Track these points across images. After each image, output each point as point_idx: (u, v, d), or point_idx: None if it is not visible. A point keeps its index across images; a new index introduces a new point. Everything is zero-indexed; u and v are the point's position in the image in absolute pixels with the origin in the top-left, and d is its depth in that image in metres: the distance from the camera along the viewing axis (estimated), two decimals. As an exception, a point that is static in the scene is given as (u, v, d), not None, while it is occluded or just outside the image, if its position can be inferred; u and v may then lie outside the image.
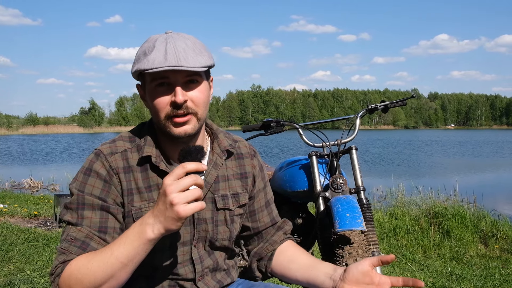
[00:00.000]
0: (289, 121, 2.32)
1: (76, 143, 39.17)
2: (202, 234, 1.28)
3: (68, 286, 1.09)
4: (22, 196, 8.86)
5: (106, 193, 1.19)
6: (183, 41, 1.17)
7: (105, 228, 1.17)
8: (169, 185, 1.01)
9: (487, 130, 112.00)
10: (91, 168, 1.20)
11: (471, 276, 3.83)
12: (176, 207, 1.00)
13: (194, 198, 1.02)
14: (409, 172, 14.62)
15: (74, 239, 1.14)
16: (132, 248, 1.06)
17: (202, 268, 1.29)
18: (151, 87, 1.18)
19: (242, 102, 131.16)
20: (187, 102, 1.17)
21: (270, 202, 1.46)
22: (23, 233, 5.04)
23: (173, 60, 1.12)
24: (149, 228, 1.05)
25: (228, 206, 1.32)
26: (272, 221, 1.44)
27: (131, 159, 1.23)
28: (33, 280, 3.38)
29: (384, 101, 2.37)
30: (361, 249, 1.61)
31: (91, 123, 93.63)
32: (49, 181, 12.09)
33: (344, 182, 1.99)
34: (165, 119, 1.17)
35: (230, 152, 1.36)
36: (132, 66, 1.21)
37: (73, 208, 1.17)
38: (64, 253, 1.13)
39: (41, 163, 20.01)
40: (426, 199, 6.86)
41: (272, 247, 1.40)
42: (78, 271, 1.08)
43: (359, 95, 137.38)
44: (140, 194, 1.21)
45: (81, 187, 1.18)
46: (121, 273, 1.08)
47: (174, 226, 1.04)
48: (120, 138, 1.28)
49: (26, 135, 67.80)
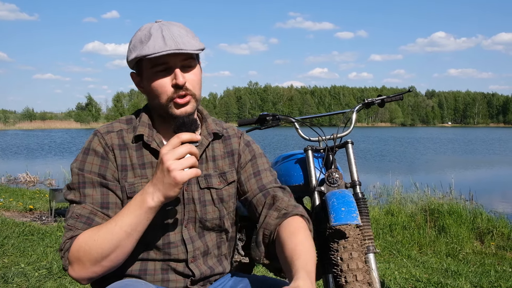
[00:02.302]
0: (285, 115, 2.30)
1: (72, 138, 39.07)
2: (192, 215, 1.31)
3: (77, 258, 1.15)
4: (18, 191, 8.85)
5: (104, 168, 1.25)
6: (176, 28, 1.25)
7: (107, 203, 1.23)
8: (165, 154, 1.10)
9: (484, 128, 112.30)
10: (89, 147, 1.27)
11: (467, 272, 3.83)
12: (173, 173, 1.08)
13: (189, 165, 1.11)
14: (405, 169, 14.67)
15: (79, 216, 1.20)
16: (134, 217, 1.13)
17: (194, 249, 1.30)
18: (151, 72, 1.24)
19: (239, 98, 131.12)
20: (185, 83, 1.24)
21: (260, 172, 1.39)
22: (18, 226, 5.04)
23: (172, 45, 1.19)
24: (149, 196, 1.12)
25: (212, 185, 1.34)
26: (260, 187, 1.36)
27: (126, 138, 1.30)
28: (27, 273, 3.37)
29: (381, 96, 2.35)
30: (356, 243, 1.60)
31: (88, 119, 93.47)
32: (45, 176, 12.09)
33: (339, 176, 1.97)
34: (168, 101, 1.24)
35: (218, 135, 1.40)
36: (128, 54, 1.27)
37: (75, 188, 1.24)
38: (71, 229, 1.19)
39: (37, 157, 19.96)
40: (423, 196, 6.87)
41: (268, 230, 1.28)
42: (85, 244, 1.15)
43: (356, 92, 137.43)
44: (134, 170, 1.27)
45: (81, 166, 1.25)
46: (126, 242, 1.15)
47: (173, 192, 1.11)
48: (118, 120, 1.36)
49: (23, 130, 67.70)
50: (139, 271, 1.28)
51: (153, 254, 1.28)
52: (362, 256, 1.59)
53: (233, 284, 1.35)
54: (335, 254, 1.61)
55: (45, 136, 44.51)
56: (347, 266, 1.56)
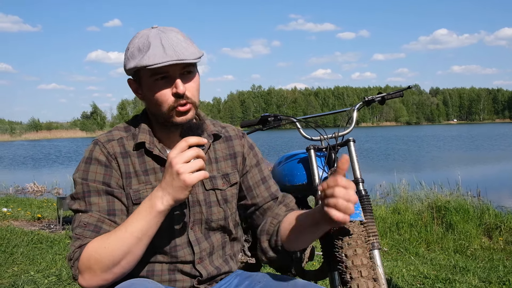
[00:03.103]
0: (286, 116, 2.32)
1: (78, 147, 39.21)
2: (197, 217, 1.32)
3: (88, 267, 1.14)
4: (25, 200, 8.89)
5: (108, 177, 1.25)
6: (174, 35, 1.24)
7: (114, 211, 1.23)
8: (174, 157, 1.11)
9: (489, 124, 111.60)
10: (91, 156, 1.26)
11: (475, 268, 3.82)
12: (182, 175, 1.09)
13: (198, 167, 1.11)
14: (411, 168, 14.61)
15: (87, 224, 1.19)
16: (145, 222, 1.13)
17: (200, 250, 1.32)
18: (150, 81, 1.24)
19: (243, 102, 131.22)
20: (185, 92, 1.24)
21: (267, 179, 1.45)
22: (26, 235, 5.07)
23: (173, 55, 1.18)
24: (159, 200, 1.13)
25: (217, 186, 1.36)
26: (272, 196, 1.43)
27: (127, 145, 1.30)
28: (37, 280, 3.40)
29: (381, 93, 2.37)
30: (360, 240, 1.61)
31: (93, 127, 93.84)
32: (52, 185, 12.13)
33: (342, 174, 1.98)
34: (169, 110, 1.24)
35: (218, 136, 1.41)
36: (126, 62, 1.26)
37: (80, 197, 1.23)
38: (79, 238, 1.18)
39: (44, 167, 20.06)
40: (429, 194, 6.84)
41: (277, 220, 1.35)
42: (96, 252, 1.14)
43: (360, 92, 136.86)
44: (138, 177, 1.28)
45: (84, 176, 1.24)
46: (136, 248, 1.14)
47: (182, 195, 1.12)
48: (116, 128, 1.36)
49: (29, 141, 67.93)
50: (146, 272, 1.29)
51: (160, 257, 1.29)
52: (366, 252, 1.60)
53: (239, 282, 1.36)
54: (340, 251, 1.62)
55: (51, 145, 44.70)
56: (352, 262, 1.57)
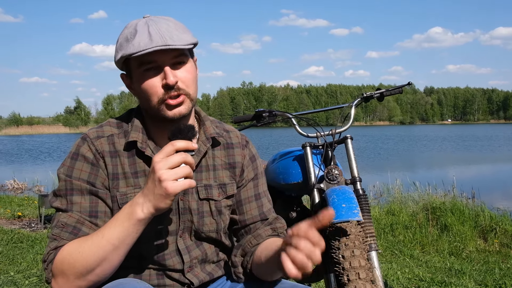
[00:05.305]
0: (281, 111, 2.25)
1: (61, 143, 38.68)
2: (187, 225, 1.24)
3: (61, 271, 1.07)
4: (5, 198, 8.62)
5: (94, 176, 1.17)
6: (164, 22, 1.15)
7: (96, 212, 1.16)
8: (157, 162, 1.01)
9: (484, 125, 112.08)
10: (78, 152, 1.19)
11: (471, 271, 3.77)
12: (164, 183, 0.99)
13: (183, 175, 1.01)
14: (405, 168, 14.61)
15: (65, 225, 1.12)
16: (123, 229, 1.05)
17: (191, 259, 1.24)
18: (139, 72, 1.15)
19: (233, 99, 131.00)
20: (177, 83, 1.14)
21: (261, 196, 1.35)
22: (6, 234, 4.95)
23: (159, 41, 1.09)
24: (139, 207, 1.04)
25: (211, 196, 1.26)
26: (261, 216, 1.33)
27: (118, 144, 1.21)
28: (17, 281, 3.29)
29: (380, 89, 2.31)
30: (358, 240, 1.54)
31: (77, 123, 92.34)
32: (33, 182, 11.75)
33: (339, 173, 1.91)
34: (159, 103, 1.15)
35: (217, 141, 1.30)
36: (115, 55, 1.18)
37: (62, 195, 1.16)
38: (55, 239, 1.12)
39: (25, 164, 19.65)
40: (424, 195, 6.80)
41: (256, 241, 1.27)
42: (70, 256, 1.07)
43: (353, 90, 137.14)
44: (126, 179, 1.19)
45: (69, 172, 1.17)
46: (113, 256, 1.06)
47: (163, 204, 1.02)
48: (108, 123, 1.27)
49: (9, 136, 67.16)
50: (133, 276, 1.22)
51: (148, 265, 1.22)
52: (364, 253, 1.53)
53: (232, 284, 1.31)
54: (337, 252, 1.55)
55: (32, 141, 44.09)
56: (349, 264, 1.50)
